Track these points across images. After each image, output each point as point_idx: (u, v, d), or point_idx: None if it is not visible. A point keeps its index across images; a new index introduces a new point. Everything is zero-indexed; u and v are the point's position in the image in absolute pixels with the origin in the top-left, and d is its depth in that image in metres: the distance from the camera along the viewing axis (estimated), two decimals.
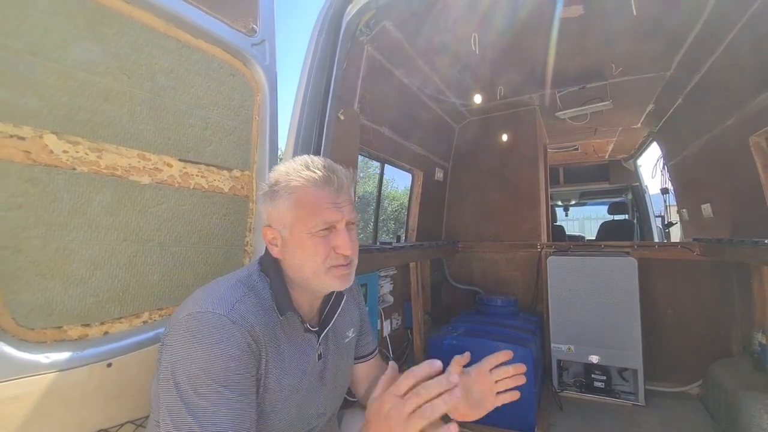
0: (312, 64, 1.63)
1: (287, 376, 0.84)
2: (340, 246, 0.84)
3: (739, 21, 1.82)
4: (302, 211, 0.83)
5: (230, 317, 0.75)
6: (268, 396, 0.80)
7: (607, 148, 5.08)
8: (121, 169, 1.04)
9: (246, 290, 0.82)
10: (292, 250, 0.85)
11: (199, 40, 1.18)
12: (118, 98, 1.02)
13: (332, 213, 0.83)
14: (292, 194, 0.83)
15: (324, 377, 0.94)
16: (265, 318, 0.81)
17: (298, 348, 0.88)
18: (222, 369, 0.71)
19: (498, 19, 2.00)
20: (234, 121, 1.32)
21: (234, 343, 0.73)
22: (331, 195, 0.84)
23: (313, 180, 0.84)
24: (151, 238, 1.11)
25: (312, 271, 0.84)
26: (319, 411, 0.93)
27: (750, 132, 2.13)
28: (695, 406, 2.54)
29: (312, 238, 0.83)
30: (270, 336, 0.81)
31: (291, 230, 0.84)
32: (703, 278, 2.78)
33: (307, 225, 0.82)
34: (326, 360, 0.96)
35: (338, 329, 1.01)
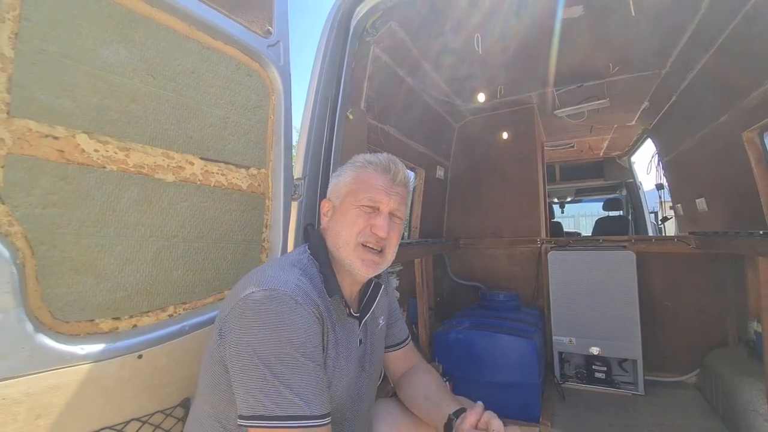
0: (323, 64, 1.67)
1: (341, 354, 0.88)
2: (377, 225, 0.92)
3: (733, 20, 1.89)
4: (357, 185, 0.95)
5: (296, 293, 0.80)
6: (328, 369, 0.85)
7: (602, 146, 5.16)
8: (147, 168, 1.07)
9: (300, 272, 0.87)
10: (337, 219, 0.95)
11: (218, 41, 1.22)
12: (144, 99, 1.06)
13: (380, 194, 0.93)
14: (353, 171, 0.97)
15: (364, 363, 0.99)
16: (320, 296, 0.86)
17: (345, 330, 0.93)
18: (301, 341, 0.76)
19: (500, 20, 2.05)
20: (251, 120, 1.35)
21: (308, 317, 0.79)
22: (385, 181, 0.94)
23: (374, 164, 0.97)
24: (176, 234, 1.14)
25: (345, 240, 0.92)
26: (360, 396, 0.97)
27: (743, 128, 2.20)
28: (693, 394, 2.62)
29: (356, 210, 0.93)
30: (327, 314, 0.86)
31: (343, 200, 0.96)
32: (698, 270, 2.86)
33: (357, 197, 0.93)
34: (365, 346, 1.00)
35: (374, 316, 1.06)
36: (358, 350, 0.97)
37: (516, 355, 2.30)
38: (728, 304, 2.74)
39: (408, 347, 1.19)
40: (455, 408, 0.95)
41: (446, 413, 0.94)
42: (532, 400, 2.29)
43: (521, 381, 2.29)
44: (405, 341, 1.19)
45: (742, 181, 2.36)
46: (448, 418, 0.93)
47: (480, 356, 2.38)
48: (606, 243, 3.13)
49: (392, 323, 1.18)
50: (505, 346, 2.34)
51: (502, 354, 2.34)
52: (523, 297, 3.29)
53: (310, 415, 0.72)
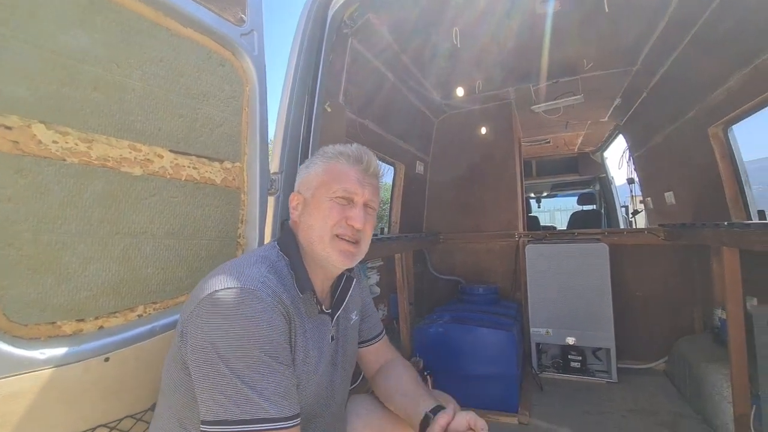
0: (299, 56, 1.63)
1: (311, 352, 0.86)
2: (353, 217, 0.89)
3: (699, 19, 1.96)
4: (328, 176, 0.91)
5: (262, 290, 0.76)
6: (296, 369, 0.82)
7: (577, 141, 5.29)
8: (112, 160, 1.01)
9: (267, 268, 0.84)
10: (309, 212, 0.92)
11: (189, 29, 1.16)
12: (108, 87, 1.00)
13: (355, 185, 0.91)
14: (324, 163, 0.94)
15: (336, 360, 0.97)
16: (288, 294, 0.83)
17: (315, 327, 0.90)
18: (267, 340, 0.73)
19: (478, 15, 2.06)
20: (224, 112, 1.30)
21: (274, 315, 0.75)
22: (358, 172, 0.92)
23: (346, 155, 0.94)
24: (144, 231, 1.09)
25: (319, 234, 0.89)
26: (332, 393, 0.95)
27: (709, 123, 2.29)
28: (662, 380, 2.73)
29: (329, 202, 0.90)
30: (296, 311, 0.83)
31: (314, 193, 0.92)
32: (667, 261, 2.98)
33: (330, 189, 0.90)
34: (338, 342, 0.98)
35: (346, 312, 1.04)
36: (330, 347, 0.95)
37: (494, 347, 2.34)
38: (695, 293, 2.86)
39: (382, 342, 1.17)
40: (432, 405, 0.93)
41: (423, 410, 0.92)
42: (510, 391, 2.33)
43: (500, 373, 2.33)
44: (379, 336, 1.17)
45: (707, 174, 2.45)
46: (424, 415, 0.91)
47: (459, 349, 2.40)
48: (581, 236, 3.21)
49: (366, 318, 1.16)
50: (483, 339, 2.37)
51: (481, 347, 2.37)
52: (502, 290, 3.35)
53: (278, 417, 0.69)
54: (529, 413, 2.26)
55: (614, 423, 2.20)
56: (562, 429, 2.14)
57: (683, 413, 2.26)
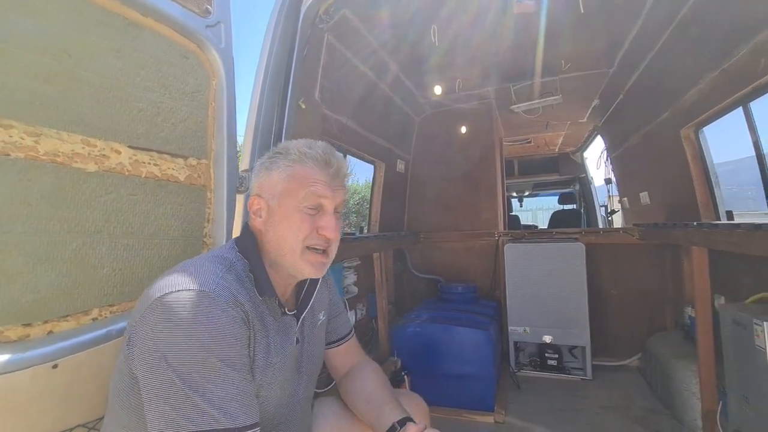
0: (271, 50, 1.58)
1: (273, 357, 0.82)
2: (325, 227, 0.83)
3: (672, 23, 1.99)
4: (296, 183, 0.83)
5: (217, 293, 0.72)
6: (257, 375, 0.78)
7: (557, 141, 5.36)
8: (63, 156, 0.96)
9: (224, 269, 0.79)
10: (276, 222, 0.84)
11: (148, 18, 1.11)
12: (59, 79, 0.94)
13: (325, 191, 0.84)
14: (289, 166, 0.84)
15: (300, 363, 0.93)
16: (248, 297, 0.79)
17: (278, 331, 0.86)
18: (219, 345, 0.68)
19: (456, 13, 2.04)
20: (188, 106, 1.25)
21: (228, 318, 0.71)
22: (327, 176, 0.85)
23: (313, 157, 0.85)
24: (100, 230, 1.04)
25: (290, 247, 0.83)
26: (297, 398, 0.92)
27: (681, 125, 2.34)
28: (635, 377, 2.79)
29: (299, 213, 0.83)
30: (256, 314, 0.79)
31: (280, 200, 0.84)
32: (641, 260, 3.04)
33: (298, 197, 0.82)
34: (303, 345, 0.94)
35: (313, 313, 1.00)
36: (295, 350, 0.91)
37: (472, 346, 2.34)
38: (667, 291, 2.93)
39: (350, 343, 1.14)
40: (399, 416, 0.90)
41: (390, 420, 0.90)
42: (487, 391, 2.34)
43: (477, 372, 2.34)
44: (347, 336, 1.14)
45: (679, 175, 2.51)
46: (390, 426, 0.89)
47: (437, 349, 2.40)
48: (559, 235, 3.25)
49: (334, 317, 1.12)
50: (461, 339, 2.38)
51: (458, 346, 2.37)
52: (482, 289, 3.36)
53: (233, 427, 0.65)
54: (505, 412, 2.27)
55: (588, 420, 2.24)
56: (536, 427, 2.16)
57: (654, 409, 2.31)
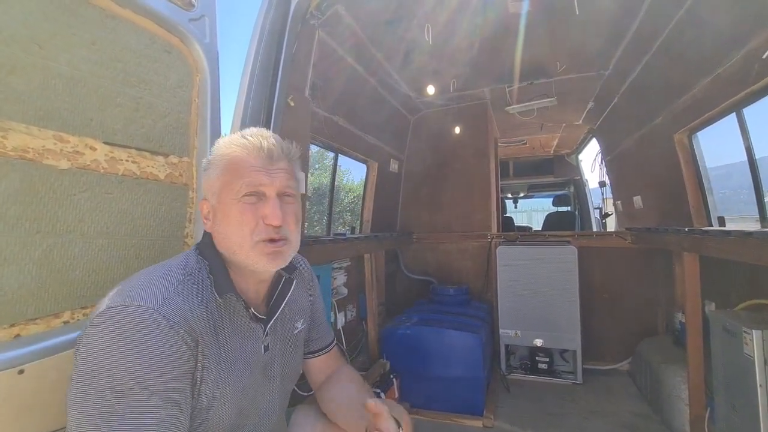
0: (258, 45, 1.55)
1: (229, 370, 0.77)
2: (268, 215, 0.77)
3: (669, 24, 1.97)
4: (229, 175, 0.78)
5: (162, 312, 0.66)
6: (206, 394, 0.73)
7: (553, 143, 5.36)
8: (32, 152, 0.92)
9: (182, 277, 0.75)
10: (219, 220, 0.80)
11: (127, 9, 1.07)
12: (28, 71, 0.90)
13: (259, 176, 0.78)
14: (221, 160, 0.80)
15: (269, 372, 0.89)
16: (203, 307, 0.74)
17: (242, 339, 0.82)
18: (150, 372, 0.63)
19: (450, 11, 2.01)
20: (170, 102, 1.21)
21: (165, 342, 0.65)
22: (260, 160, 0.79)
23: (243, 145, 0.80)
24: (72, 230, 1.00)
25: (238, 243, 0.78)
26: (265, 408, 0.88)
27: (675, 130, 2.33)
28: (626, 381, 2.78)
29: (237, 204, 0.77)
30: (209, 327, 0.74)
31: (219, 197, 0.79)
32: (634, 264, 3.03)
33: (233, 189, 0.77)
34: (273, 353, 0.90)
35: (287, 320, 0.96)
36: (262, 358, 0.86)
37: (461, 349, 2.32)
38: (659, 296, 2.92)
39: (331, 353, 1.11)
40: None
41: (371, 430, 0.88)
42: (476, 394, 2.32)
43: (466, 375, 2.32)
44: (329, 346, 1.10)
45: (672, 180, 2.50)
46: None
47: (427, 352, 2.38)
48: (552, 238, 3.24)
49: (315, 327, 1.08)
50: (451, 341, 2.35)
51: (448, 349, 2.35)
52: (474, 291, 3.34)
53: None
54: (494, 416, 2.26)
55: (577, 424, 2.22)
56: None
57: (643, 414, 2.30)
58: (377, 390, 2.14)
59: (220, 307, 0.78)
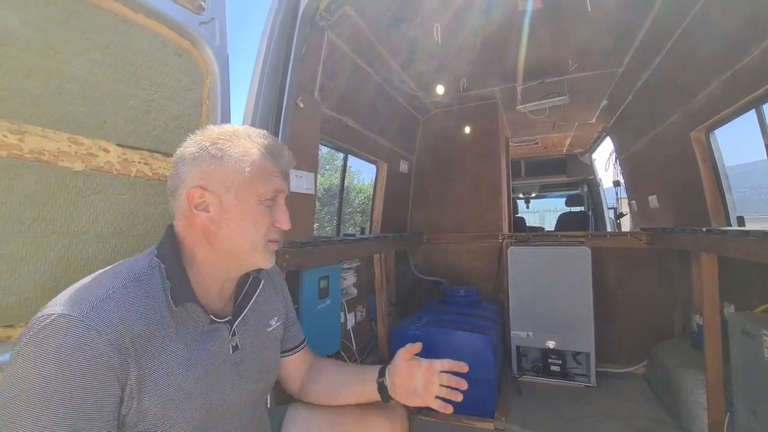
0: (268, 47, 1.56)
1: (186, 374, 0.74)
2: (281, 219, 0.82)
3: (684, 21, 1.93)
4: (257, 176, 0.79)
5: (88, 321, 0.62)
6: (154, 400, 0.69)
7: (565, 143, 5.29)
8: (48, 154, 0.94)
9: (124, 281, 0.71)
10: (234, 218, 0.78)
11: (139, 14, 1.09)
12: (43, 75, 0.92)
13: (280, 182, 0.82)
14: (246, 156, 0.78)
15: (242, 370, 0.86)
16: (146, 313, 0.70)
17: (201, 341, 0.79)
18: (53, 387, 0.58)
19: (459, 10, 2.00)
20: (181, 105, 1.23)
21: (83, 354, 0.60)
22: (280, 166, 0.84)
23: (268, 147, 0.82)
24: (86, 230, 1.02)
25: (252, 241, 0.79)
26: (240, 407, 0.86)
27: (691, 128, 2.27)
28: (641, 384, 2.72)
29: (260, 206, 0.80)
30: (150, 335, 0.70)
31: (238, 194, 0.77)
32: (649, 265, 2.96)
33: (258, 190, 0.79)
34: (244, 352, 0.88)
35: (259, 317, 0.95)
36: (230, 358, 0.84)
37: (471, 351, 2.30)
38: (675, 298, 2.85)
39: (306, 349, 1.11)
40: (377, 370, 0.99)
41: (372, 379, 0.97)
42: (487, 396, 2.29)
43: (477, 377, 2.29)
44: (301, 345, 1.10)
45: (689, 179, 2.44)
46: (377, 381, 0.97)
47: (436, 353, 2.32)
48: (564, 238, 3.19)
49: (288, 326, 1.07)
50: (460, 342, 2.33)
51: (457, 350, 2.33)
52: (485, 291, 3.31)
53: None
54: (505, 418, 2.23)
55: (590, 428, 2.18)
56: None
57: (659, 419, 2.25)
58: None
59: (173, 312, 0.75)
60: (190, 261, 0.81)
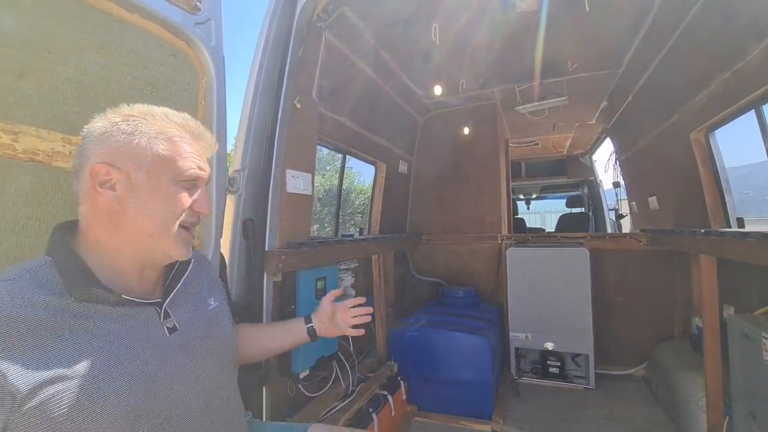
0: (265, 48, 1.56)
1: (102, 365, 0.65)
2: (201, 202, 0.78)
3: (682, 23, 1.92)
4: (173, 152, 0.74)
5: None
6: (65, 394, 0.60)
7: (565, 144, 5.27)
8: (42, 154, 0.94)
9: (19, 274, 0.65)
10: (143, 197, 0.72)
11: (134, 14, 1.09)
12: (37, 75, 0.92)
13: (203, 164, 0.79)
14: (161, 134, 0.74)
15: (189, 349, 0.80)
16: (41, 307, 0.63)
17: (122, 328, 0.71)
18: None
19: (457, 11, 2.00)
20: (176, 105, 1.21)
21: None
22: (201, 149, 0.80)
23: (188, 127, 0.79)
24: None
25: (163, 224, 0.73)
26: (194, 387, 0.78)
27: (691, 128, 2.26)
28: (640, 387, 2.71)
29: (176, 186, 0.75)
30: (45, 331, 0.62)
31: (150, 172, 0.72)
32: (649, 267, 2.95)
33: (174, 169, 0.74)
34: (185, 333, 0.81)
35: (196, 298, 0.90)
36: (170, 340, 0.77)
37: (470, 352, 2.29)
38: (675, 300, 2.84)
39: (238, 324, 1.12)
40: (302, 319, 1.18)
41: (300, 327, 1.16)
42: (485, 398, 2.29)
43: (475, 379, 2.29)
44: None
45: (689, 180, 2.43)
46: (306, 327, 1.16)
47: (434, 354, 2.36)
48: (564, 239, 3.18)
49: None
50: (458, 344, 2.33)
51: (456, 352, 2.32)
52: (484, 292, 3.30)
53: None
54: (503, 420, 2.22)
55: (588, 430, 2.17)
56: None
57: (658, 421, 2.24)
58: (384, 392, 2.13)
59: (69, 303, 0.66)
60: (94, 248, 0.74)
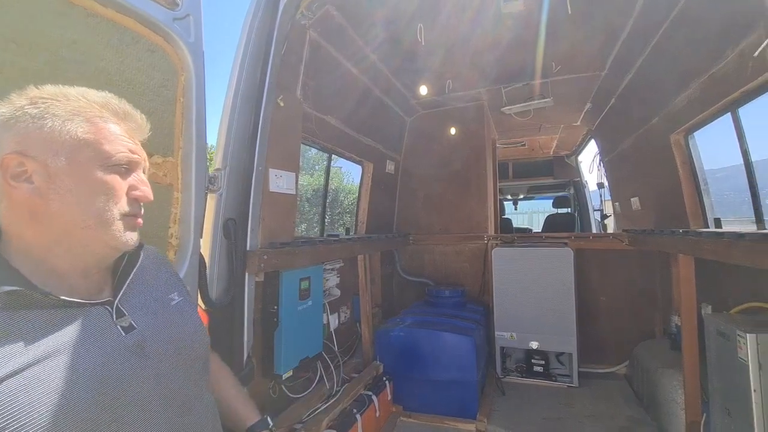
0: (247, 45, 1.54)
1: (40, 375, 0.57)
2: (140, 189, 0.70)
3: (661, 27, 1.96)
4: (96, 135, 0.65)
5: None
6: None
7: (552, 145, 5.34)
8: None
9: None
10: (67, 187, 0.63)
11: (109, 9, 1.06)
12: (5, 70, 0.89)
13: (134, 147, 0.70)
14: (77, 115, 0.64)
15: (149, 350, 0.72)
16: None
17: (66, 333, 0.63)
18: None
19: (442, 11, 2.00)
20: (154, 102, 1.21)
21: None
22: (130, 131, 0.71)
23: (109, 106, 0.69)
24: None
25: (98, 215, 0.65)
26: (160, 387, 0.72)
27: (671, 130, 2.31)
28: (622, 384, 2.75)
29: (106, 173, 0.66)
30: None
31: (71, 158, 0.63)
32: (631, 266, 3.00)
33: (100, 153, 0.65)
34: (143, 331, 0.73)
35: (154, 293, 0.82)
36: (126, 340, 0.69)
37: (455, 352, 2.30)
38: (656, 299, 2.90)
39: None
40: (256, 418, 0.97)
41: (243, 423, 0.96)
42: (470, 398, 2.29)
43: (460, 378, 2.29)
44: None
45: (669, 181, 2.48)
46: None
47: (420, 354, 2.36)
48: (549, 240, 3.22)
49: None
50: (444, 344, 2.33)
51: (441, 352, 2.33)
52: (470, 292, 3.32)
53: None
54: (487, 420, 2.23)
55: (572, 428, 2.20)
56: None
57: (639, 419, 2.27)
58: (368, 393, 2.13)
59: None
60: (22, 250, 0.64)
